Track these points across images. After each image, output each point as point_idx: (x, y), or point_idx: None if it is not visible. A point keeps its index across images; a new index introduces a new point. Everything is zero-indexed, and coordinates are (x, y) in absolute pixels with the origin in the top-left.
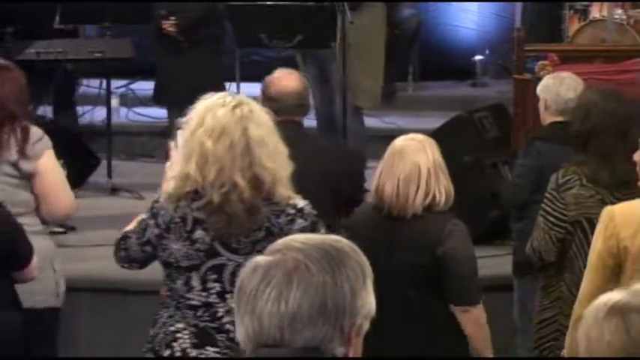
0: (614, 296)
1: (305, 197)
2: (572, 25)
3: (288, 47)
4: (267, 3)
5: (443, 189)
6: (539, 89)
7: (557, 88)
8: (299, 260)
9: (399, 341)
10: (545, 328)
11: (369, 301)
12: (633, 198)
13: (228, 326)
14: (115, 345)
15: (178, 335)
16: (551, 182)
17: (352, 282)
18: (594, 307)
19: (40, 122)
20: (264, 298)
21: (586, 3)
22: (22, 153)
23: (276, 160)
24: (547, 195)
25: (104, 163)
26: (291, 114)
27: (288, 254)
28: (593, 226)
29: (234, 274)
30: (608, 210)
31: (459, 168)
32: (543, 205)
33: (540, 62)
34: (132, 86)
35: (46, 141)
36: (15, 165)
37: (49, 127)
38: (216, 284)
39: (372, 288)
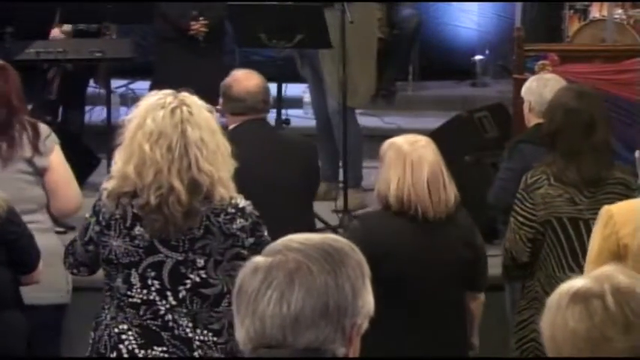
0: (575, 283)
1: (283, 191)
2: (572, 25)
3: (288, 47)
4: (267, 3)
5: (453, 186)
6: (523, 91)
7: (541, 89)
8: (300, 261)
9: (441, 340)
10: (523, 329)
11: (368, 301)
12: (604, 195)
13: (171, 324)
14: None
15: (123, 337)
16: (521, 183)
17: (353, 282)
18: (557, 294)
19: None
20: (266, 300)
21: (586, 3)
22: (36, 149)
23: (216, 161)
24: (517, 195)
25: (104, 163)
26: (256, 112)
27: (289, 255)
28: (563, 225)
29: (172, 271)
30: (606, 209)
31: (459, 168)
32: (514, 206)
33: (540, 62)
34: (132, 86)
35: (54, 137)
36: (29, 161)
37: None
38: (156, 281)
39: (371, 287)
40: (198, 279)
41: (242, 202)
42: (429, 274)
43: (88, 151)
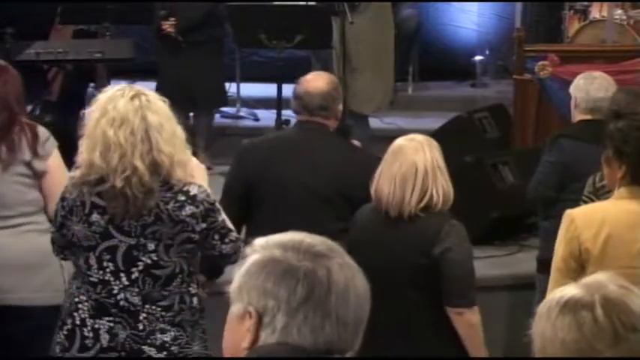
0: (566, 292)
1: (312, 199)
2: (572, 26)
3: (288, 47)
4: (267, 3)
5: (441, 189)
6: (572, 88)
7: (588, 86)
8: (352, 265)
9: (397, 343)
10: None
11: None
12: None
13: (122, 302)
14: None
15: (79, 306)
16: (587, 185)
17: None
18: (547, 303)
19: (39, 123)
20: (345, 305)
21: (586, 3)
22: (35, 152)
23: (174, 144)
24: (584, 198)
25: None
26: (312, 114)
27: (342, 258)
28: None
29: (126, 255)
30: (567, 213)
31: (459, 168)
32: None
33: (540, 62)
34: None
35: (53, 140)
36: (28, 164)
37: (48, 129)
38: (110, 264)
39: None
40: (149, 261)
41: (194, 189)
42: (384, 271)
43: None
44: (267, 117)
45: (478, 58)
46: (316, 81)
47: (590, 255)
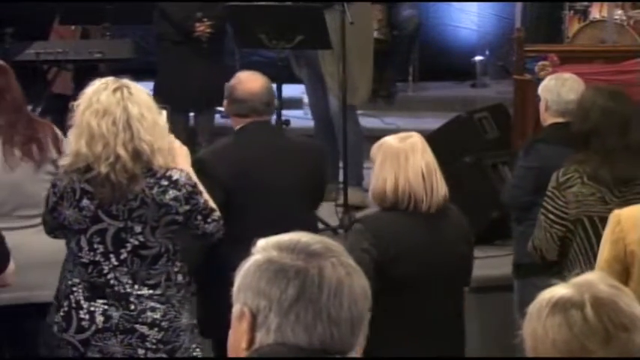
0: (556, 292)
1: (284, 193)
2: (572, 26)
3: (288, 47)
4: (267, 3)
5: (444, 183)
6: (540, 89)
7: (559, 88)
8: (348, 263)
9: (450, 337)
10: None
11: None
12: (633, 195)
13: (112, 281)
14: None
15: (74, 289)
16: (552, 181)
17: None
18: (538, 303)
19: None
20: (338, 304)
21: (586, 3)
22: (59, 151)
23: (154, 133)
24: (548, 193)
25: None
26: (259, 114)
27: (339, 258)
28: (594, 225)
29: (115, 237)
30: (615, 214)
31: (459, 168)
32: (544, 204)
33: (540, 62)
34: None
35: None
36: (54, 162)
37: None
38: (100, 245)
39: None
40: (137, 242)
41: (176, 174)
42: (436, 272)
43: None
44: None
45: (478, 58)
46: (256, 81)
47: (635, 258)
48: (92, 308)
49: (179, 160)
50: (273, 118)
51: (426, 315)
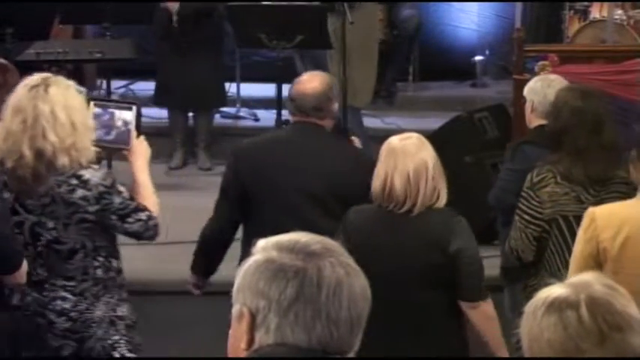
0: (553, 291)
1: (306, 200)
2: (572, 26)
3: (288, 47)
4: (267, 3)
5: (444, 185)
6: (526, 91)
7: (545, 90)
8: (347, 263)
9: (408, 342)
10: None
11: None
12: (608, 194)
13: (31, 271)
14: None
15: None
16: (526, 181)
17: None
18: (534, 303)
19: None
20: (337, 304)
21: (586, 3)
22: None
23: (63, 132)
24: (522, 194)
25: (104, 163)
26: (306, 115)
27: (339, 258)
28: (569, 224)
29: (31, 230)
30: (589, 212)
31: (459, 168)
32: (519, 204)
33: (540, 62)
34: (132, 86)
35: None
36: None
37: None
38: (21, 236)
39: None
40: (50, 237)
41: (88, 174)
42: (391, 271)
43: None
44: (267, 117)
45: (478, 58)
46: (311, 82)
47: (607, 255)
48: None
49: (133, 156)
50: (273, 117)
51: (379, 313)
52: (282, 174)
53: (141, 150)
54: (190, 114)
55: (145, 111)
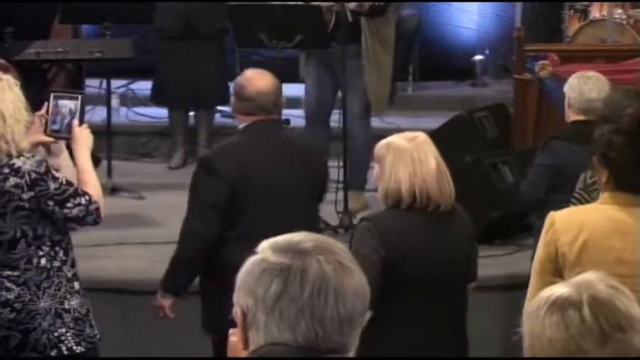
0: (555, 291)
1: (285, 193)
2: (572, 25)
3: (288, 47)
4: (267, 3)
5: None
6: (566, 87)
7: (582, 86)
8: (340, 261)
9: (454, 337)
10: None
11: None
12: None
13: None
14: (112, 344)
15: None
16: (579, 182)
17: None
18: (536, 302)
19: None
20: (322, 302)
21: (586, 3)
22: (48, 150)
23: None
24: (575, 195)
25: (104, 163)
26: (268, 112)
27: (327, 256)
28: None
29: None
30: (550, 216)
31: (459, 168)
32: (572, 205)
33: (540, 62)
34: (132, 86)
35: None
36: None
37: None
38: None
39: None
40: None
41: (19, 162)
42: (441, 271)
43: None
44: None
45: (478, 57)
46: (264, 79)
47: (566, 260)
48: None
49: (75, 144)
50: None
51: (432, 314)
52: (268, 174)
53: (82, 138)
54: (191, 113)
55: (144, 111)
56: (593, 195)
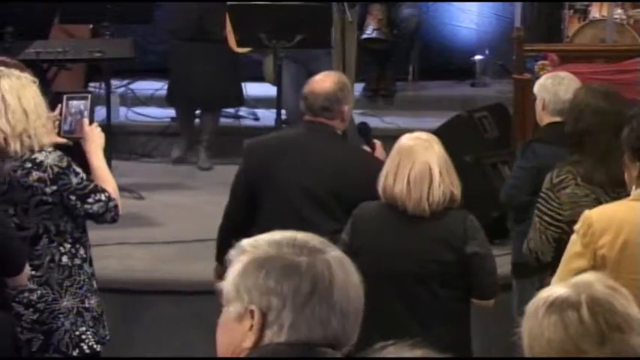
0: (554, 291)
1: (308, 199)
2: (572, 25)
3: (288, 47)
4: (267, 3)
5: (457, 183)
6: (536, 88)
7: (556, 87)
8: (345, 258)
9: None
10: None
11: None
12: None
13: None
14: (112, 344)
15: None
16: (545, 182)
17: None
18: (535, 302)
19: None
20: (345, 298)
21: (586, 3)
22: None
23: (14, 119)
24: (542, 195)
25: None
26: (315, 115)
27: (332, 252)
28: None
29: None
30: (586, 216)
31: (459, 168)
32: (538, 205)
33: (540, 62)
34: (132, 86)
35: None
36: None
37: None
38: None
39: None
40: (13, 224)
41: (42, 156)
42: (401, 271)
43: None
44: (267, 116)
45: (478, 57)
46: (323, 81)
47: (606, 261)
48: None
49: (86, 143)
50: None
51: (391, 311)
52: (286, 173)
53: (93, 136)
54: (197, 111)
55: (144, 111)
56: (558, 194)
